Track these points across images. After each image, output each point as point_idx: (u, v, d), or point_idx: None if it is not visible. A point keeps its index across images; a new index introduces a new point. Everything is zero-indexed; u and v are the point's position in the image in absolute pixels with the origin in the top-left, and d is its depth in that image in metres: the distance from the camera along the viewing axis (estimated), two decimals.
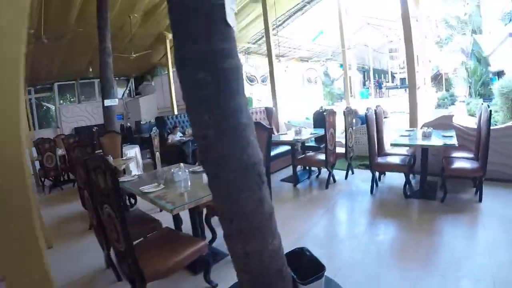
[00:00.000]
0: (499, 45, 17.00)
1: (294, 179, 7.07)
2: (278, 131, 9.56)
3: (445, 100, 27.30)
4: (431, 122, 6.73)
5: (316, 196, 6.38)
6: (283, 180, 7.47)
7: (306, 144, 7.99)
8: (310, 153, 7.25)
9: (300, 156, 7.19)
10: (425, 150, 5.62)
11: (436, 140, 5.39)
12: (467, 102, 22.18)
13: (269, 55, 9.94)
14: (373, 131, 6.05)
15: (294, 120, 11.10)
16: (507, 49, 15.94)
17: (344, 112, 6.95)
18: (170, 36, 13.68)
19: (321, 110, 8.24)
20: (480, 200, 5.14)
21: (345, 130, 6.97)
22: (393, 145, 5.60)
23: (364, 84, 36.18)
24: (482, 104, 6.05)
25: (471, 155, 5.73)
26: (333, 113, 6.88)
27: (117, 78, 19.48)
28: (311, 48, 23.88)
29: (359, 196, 6.13)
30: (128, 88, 21.09)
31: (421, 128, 6.41)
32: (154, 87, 18.96)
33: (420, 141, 5.47)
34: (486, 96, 19.75)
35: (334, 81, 28.12)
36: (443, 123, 6.52)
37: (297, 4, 16.48)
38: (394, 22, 24.80)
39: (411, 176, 5.89)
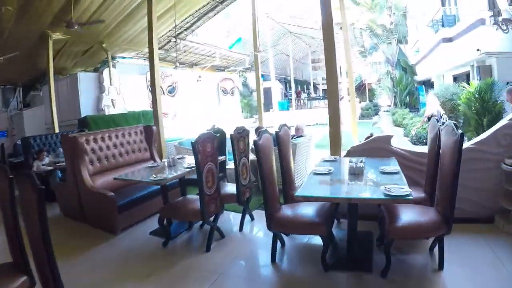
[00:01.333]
0: (428, 53, 15.85)
1: (166, 233, 4.77)
2: (161, 158, 7.22)
3: (369, 110, 26.73)
4: (361, 146, 5.29)
5: (191, 265, 4.11)
6: (153, 233, 5.16)
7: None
8: (188, 197, 4.99)
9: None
10: (354, 206, 3.71)
11: (373, 184, 3.52)
12: (392, 112, 21.60)
13: (150, 58, 7.57)
14: (289, 157, 4.74)
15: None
16: (436, 57, 14.77)
17: (232, 136, 4.84)
18: (54, 35, 11.18)
19: (212, 130, 6.07)
20: (441, 267, 3.49)
21: (236, 162, 4.89)
22: (299, 198, 3.41)
23: (285, 95, 34.73)
24: (439, 120, 4.17)
25: (421, 194, 4.17)
26: (242, 136, 5.07)
27: (2, 86, 16.39)
28: (228, 56, 21.65)
29: (254, 268, 4.16)
30: (15, 99, 17.54)
31: (348, 157, 4.97)
32: (43, 97, 15.80)
33: (345, 188, 3.55)
34: (412, 106, 19.03)
35: (253, 92, 26.15)
36: (379, 147, 5.06)
37: (208, 3, 14.08)
38: (317, 31, 23.42)
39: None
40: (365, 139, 5.86)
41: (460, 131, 3.25)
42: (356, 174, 3.80)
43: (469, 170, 4.32)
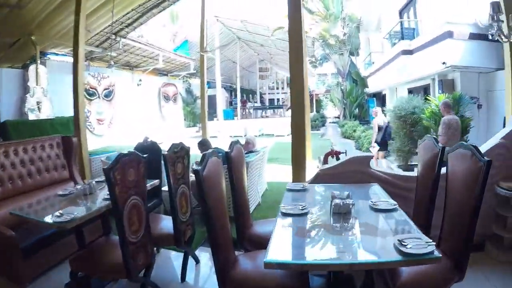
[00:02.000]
0: (383, 66, 15.34)
1: None
2: (84, 177, 5.74)
3: (316, 121, 26.14)
4: (333, 169, 4.35)
5: None
6: (68, 285, 3.63)
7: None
8: (113, 239, 3.60)
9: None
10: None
11: (374, 232, 2.60)
12: (341, 124, 21.41)
13: (75, 61, 6.11)
14: (243, 185, 3.65)
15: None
16: (391, 69, 14.24)
17: (166, 156, 3.60)
18: None
19: (145, 144, 4.83)
20: None
21: (172, 192, 3.63)
22: (271, 265, 2.18)
23: (230, 104, 33.67)
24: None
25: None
26: (179, 156, 3.90)
27: None
28: (172, 59, 20.16)
29: None
30: None
31: (317, 184, 4.06)
32: None
33: (337, 241, 2.44)
34: (362, 118, 18.59)
35: (197, 100, 24.77)
36: (355, 171, 4.18)
37: None
38: (268, 38, 22.50)
39: None
40: (326, 156, 5.50)
41: (486, 158, 2.46)
42: (342, 213, 2.72)
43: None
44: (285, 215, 2.87)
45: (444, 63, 9.47)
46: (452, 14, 9.73)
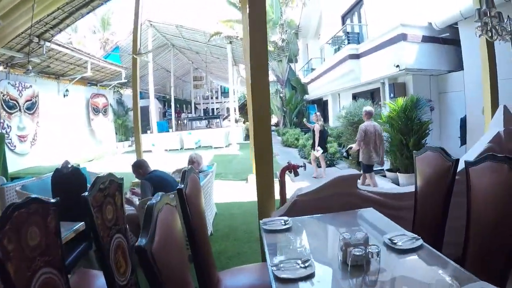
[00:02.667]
0: (324, 71, 14.87)
1: None
2: None
3: None
4: (317, 193, 3.65)
5: None
6: None
7: None
8: None
9: None
10: None
11: None
12: (282, 132, 21.35)
13: None
14: (204, 230, 2.87)
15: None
16: (334, 75, 13.74)
17: (88, 200, 2.26)
18: None
19: (65, 171, 3.68)
20: None
21: (101, 248, 2.34)
22: None
23: (164, 115, 32.11)
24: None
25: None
26: (107, 195, 2.60)
27: None
28: (102, 67, 18.37)
29: None
30: None
31: (296, 217, 3.09)
32: None
33: None
34: (302, 126, 18.04)
35: (130, 112, 23.05)
36: (343, 193, 3.63)
37: None
38: (205, 44, 21.45)
39: None
40: (283, 171, 4.79)
41: None
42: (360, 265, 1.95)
43: (453, 206, 2.98)
44: (284, 281, 1.87)
45: (397, 66, 9.16)
46: (405, 16, 9.49)
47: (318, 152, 9.87)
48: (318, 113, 10.66)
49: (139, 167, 5.05)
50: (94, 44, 33.62)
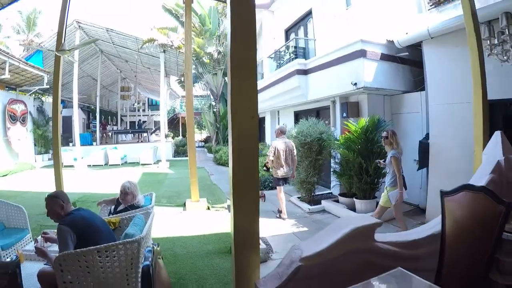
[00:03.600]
0: (265, 88, 14.10)
1: None
2: None
3: (185, 146, 24.61)
4: (321, 257, 2.72)
5: None
6: None
7: None
8: None
9: None
10: None
11: None
12: (215, 150, 20.45)
13: None
14: None
15: None
16: (275, 91, 13.36)
17: None
18: None
19: None
20: None
21: None
22: None
23: (88, 126, 29.92)
24: None
25: None
26: None
27: None
28: (22, 70, 16.03)
29: None
30: None
31: None
32: None
33: None
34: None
35: (51, 121, 20.76)
36: (358, 250, 2.83)
37: None
38: (136, 52, 19.92)
39: None
40: None
41: None
42: None
43: None
44: None
45: (355, 84, 8.57)
46: (362, 33, 8.90)
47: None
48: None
49: (55, 204, 3.57)
50: (16, 45, 30.63)
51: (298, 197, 9.46)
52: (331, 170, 9.28)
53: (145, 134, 27.12)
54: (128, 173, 15.99)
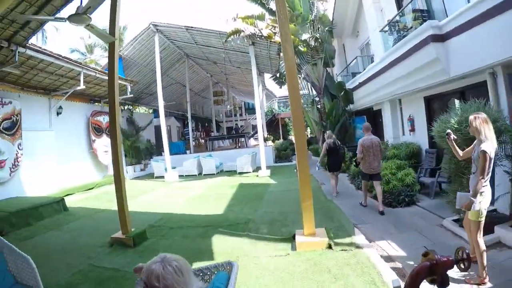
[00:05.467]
0: (380, 72, 11.41)
1: None
2: None
3: (287, 150, 22.74)
4: None
5: None
6: None
7: None
8: None
9: None
10: None
11: None
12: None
13: None
14: None
15: None
16: (394, 73, 10.40)
17: None
18: None
19: None
20: None
21: None
22: None
23: (183, 135, 29.08)
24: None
25: None
26: None
27: None
28: (102, 81, 15.03)
29: None
30: None
31: None
32: None
33: None
34: (344, 143, 13.25)
35: (141, 131, 19.94)
36: None
37: None
38: (222, 50, 18.09)
39: None
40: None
41: None
42: None
43: None
44: None
45: None
46: None
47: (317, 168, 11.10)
48: (329, 132, 10.89)
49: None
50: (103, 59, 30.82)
51: (455, 220, 6.16)
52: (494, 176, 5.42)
53: (242, 139, 25.28)
54: (220, 184, 14.14)
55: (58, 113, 14.32)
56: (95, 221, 9.08)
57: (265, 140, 22.52)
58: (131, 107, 22.65)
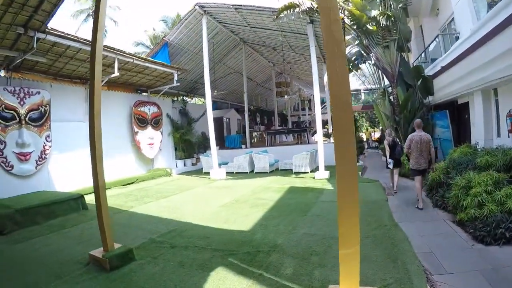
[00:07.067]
0: (470, 51, 8.95)
1: None
2: None
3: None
4: None
5: None
6: None
7: None
8: None
9: None
10: None
11: None
12: None
13: None
14: None
15: None
16: (498, 49, 7.63)
17: None
18: None
19: None
20: None
21: None
22: None
23: (243, 128, 27.51)
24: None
25: None
26: None
27: None
28: (144, 68, 14.16)
29: None
30: None
31: None
32: None
33: None
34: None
35: (193, 123, 18.51)
36: None
37: None
38: (278, 33, 16.08)
39: None
40: None
41: None
42: None
43: None
44: None
45: None
46: None
47: (389, 164, 10.14)
48: (388, 130, 10.73)
49: None
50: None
51: None
52: None
53: (304, 134, 22.89)
54: (267, 186, 11.93)
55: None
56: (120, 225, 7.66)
57: (328, 136, 20.10)
58: (186, 97, 21.40)
